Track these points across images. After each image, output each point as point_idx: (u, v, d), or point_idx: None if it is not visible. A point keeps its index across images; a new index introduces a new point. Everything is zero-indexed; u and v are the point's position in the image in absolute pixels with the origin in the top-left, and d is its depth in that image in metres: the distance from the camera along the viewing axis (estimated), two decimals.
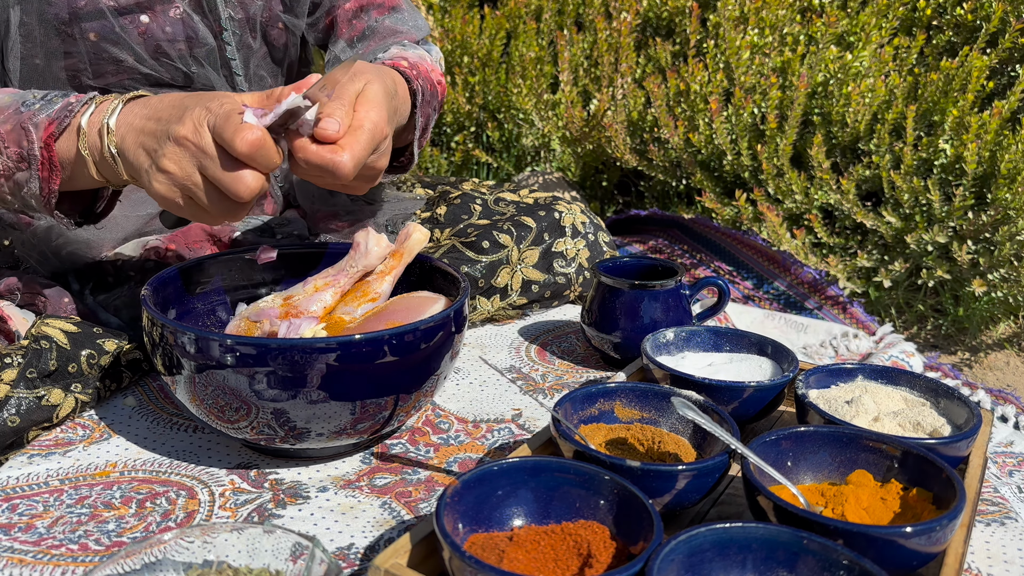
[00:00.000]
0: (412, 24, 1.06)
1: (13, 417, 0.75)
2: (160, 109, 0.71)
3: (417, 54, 0.99)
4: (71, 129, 0.74)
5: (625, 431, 0.70)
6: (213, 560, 0.53)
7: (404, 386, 0.71)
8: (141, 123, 0.71)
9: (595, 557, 0.54)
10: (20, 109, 0.76)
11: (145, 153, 0.70)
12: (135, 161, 0.71)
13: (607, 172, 1.86)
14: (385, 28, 1.04)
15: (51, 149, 0.74)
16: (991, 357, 1.37)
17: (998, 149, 1.31)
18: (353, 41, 1.03)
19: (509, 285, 1.07)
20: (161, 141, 0.69)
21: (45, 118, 0.75)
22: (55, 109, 0.75)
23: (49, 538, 0.64)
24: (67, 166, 0.76)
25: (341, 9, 1.04)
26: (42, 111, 0.75)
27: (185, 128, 0.67)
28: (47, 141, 0.74)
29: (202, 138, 0.67)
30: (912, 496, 0.61)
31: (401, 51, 0.98)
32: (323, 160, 0.69)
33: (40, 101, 0.76)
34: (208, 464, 0.75)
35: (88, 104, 0.75)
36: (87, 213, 0.84)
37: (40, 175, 0.75)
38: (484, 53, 1.93)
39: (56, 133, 0.74)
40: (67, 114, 0.74)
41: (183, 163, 0.68)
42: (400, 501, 0.71)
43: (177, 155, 0.68)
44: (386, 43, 1.02)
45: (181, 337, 0.67)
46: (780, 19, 1.58)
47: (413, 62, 0.94)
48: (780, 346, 0.82)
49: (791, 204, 1.48)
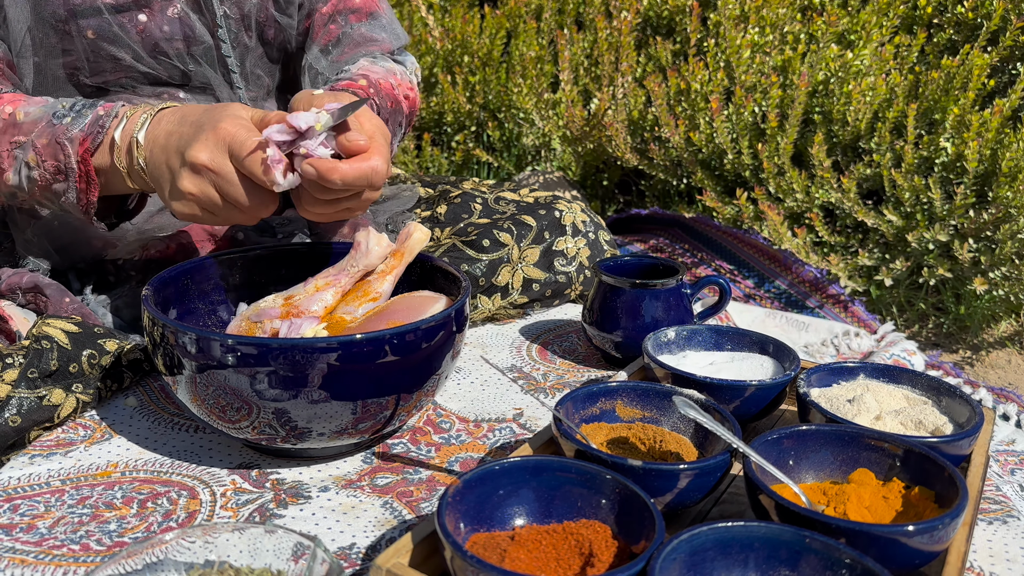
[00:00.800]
0: (389, 33, 1.05)
1: (15, 417, 0.75)
2: (180, 125, 0.75)
3: (385, 68, 0.99)
4: (105, 143, 0.78)
5: (627, 430, 0.70)
6: (215, 560, 0.53)
7: (405, 386, 0.71)
8: (164, 140, 0.75)
9: (597, 556, 0.54)
10: (52, 122, 0.79)
11: (167, 170, 0.74)
12: (158, 178, 0.75)
13: (608, 171, 1.86)
14: (360, 35, 1.03)
15: (88, 163, 0.78)
16: (993, 355, 1.37)
17: (999, 147, 1.31)
18: (327, 48, 1.02)
19: (510, 284, 1.07)
20: (178, 161, 0.73)
21: (79, 133, 0.78)
22: (87, 123, 0.78)
23: (51, 538, 0.64)
24: (102, 177, 0.80)
25: (318, 13, 1.03)
26: (74, 125, 0.78)
27: (201, 155, 0.71)
28: (83, 156, 0.78)
29: (221, 166, 0.71)
30: (914, 495, 0.61)
31: (368, 65, 0.98)
32: (361, 171, 0.72)
33: (70, 113, 0.79)
34: (209, 464, 0.75)
35: (119, 118, 0.78)
36: (120, 212, 0.88)
37: (77, 187, 0.79)
38: (484, 52, 1.93)
39: (91, 148, 0.78)
40: (99, 129, 0.78)
41: (201, 185, 0.72)
42: (401, 501, 0.71)
43: (194, 178, 0.72)
44: (357, 53, 1.02)
45: (182, 337, 0.67)
46: (781, 18, 1.58)
47: (374, 80, 0.95)
48: (781, 345, 0.82)
49: (792, 203, 1.48)
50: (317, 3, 1.03)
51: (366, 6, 1.05)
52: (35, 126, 0.79)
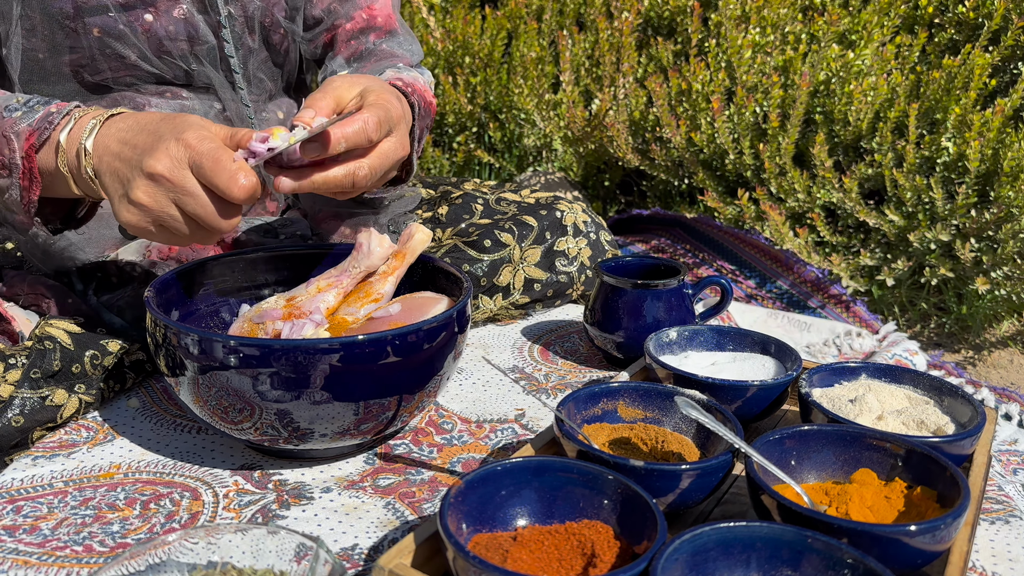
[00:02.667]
0: (408, 49, 1.08)
1: (17, 417, 0.75)
2: (135, 134, 0.71)
3: (411, 75, 1.01)
4: (51, 142, 0.74)
5: (628, 431, 0.70)
6: (217, 561, 0.53)
7: (407, 386, 0.71)
8: (117, 147, 0.71)
9: (599, 557, 0.54)
10: (2, 115, 0.76)
11: (118, 180, 0.70)
12: (108, 186, 0.71)
13: (609, 172, 1.86)
14: (382, 51, 1.06)
15: (32, 160, 0.74)
16: (995, 355, 1.36)
17: (1001, 147, 1.31)
18: (351, 60, 1.05)
19: (511, 283, 1.07)
20: (133, 171, 0.69)
21: (27, 127, 0.74)
22: (36, 118, 0.74)
23: (54, 540, 0.64)
24: (47, 177, 0.76)
25: (342, 29, 1.06)
26: (23, 119, 0.75)
27: (160, 164, 0.67)
28: (28, 152, 0.74)
29: (183, 178, 0.67)
30: (916, 494, 0.61)
31: (396, 73, 1.00)
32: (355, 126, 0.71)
33: (22, 108, 0.76)
34: (212, 465, 0.75)
35: (67, 117, 0.74)
36: (67, 218, 0.84)
37: (21, 184, 0.75)
38: (485, 53, 1.93)
39: (37, 144, 0.74)
40: (47, 125, 0.74)
41: (157, 197, 0.68)
42: (404, 501, 0.71)
43: (151, 189, 0.68)
44: (382, 65, 1.04)
45: (184, 338, 0.67)
46: (782, 18, 1.58)
47: (408, 81, 0.96)
48: (783, 345, 0.82)
49: (794, 203, 1.48)
50: (340, 19, 1.06)
51: (387, 24, 1.08)
52: None
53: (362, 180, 0.74)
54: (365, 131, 0.72)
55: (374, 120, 0.72)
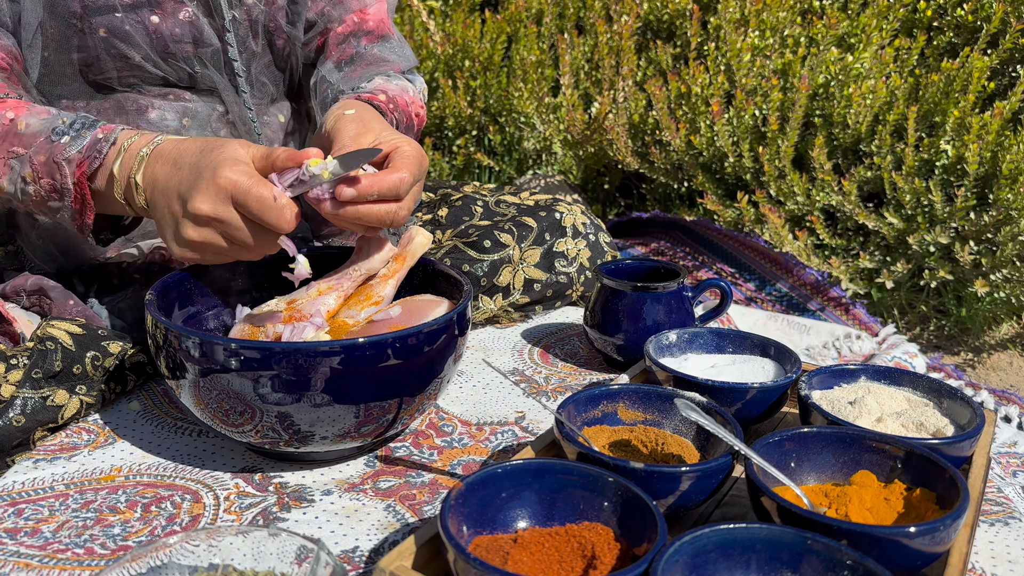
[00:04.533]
0: (400, 55, 1.08)
1: (19, 417, 0.76)
2: (177, 170, 0.74)
3: (399, 86, 1.01)
4: (103, 171, 0.77)
5: (628, 433, 0.70)
6: (218, 563, 0.53)
7: (408, 389, 0.71)
8: (164, 182, 0.74)
9: (599, 559, 0.55)
10: (51, 138, 0.78)
11: (170, 215, 0.74)
12: (160, 219, 0.75)
13: (609, 175, 1.86)
14: (372, 56, 1.06)
15: (83, 187, 0.77)
16: (994, 358, 1.37)
17: (999, 150, 1.31)
18: (341, 64, 1.05)
19: (511, 284, 1.07)
20: (179, 211, 0.73)
21: (77, 155, 0.77)
22: (84, 145, 0.77)
23: (55, 542, 0.65)
24: (99, 200, 0.79)
25: (333, 32, 1.06)
26: (72, 146, 0.77)
27: (203, 206, 0.70)
28: (79, 179, 0.77)
29: (227, 215, 0.71)
30: (916, 496, 0.61)
31: (384, 83, 1.00)
32: (392, 181, 0.74)
33: (69, 131, 0.78)
34: (213, 468, 0.75)
35: (115, 147, 0.77)
36: (116, 227, 0.87)
37: (73, 207, 0.78)
38: (485, 57, 1.93)
39: (88, 172, 0.77)
40: (96, 154, 0.77)
41: (205, 234, 0.72)
42: (404, 504, 0.71)
43: (199, 230, 0.72)
44: (371, 71, 1.04)
45: (185, 341, 0.68)
46: (781, 21, 1.58)
47: (392, 95, 0.97)
48: (783, 347, 0.83)
49: (793, 206, 1.48)
50: (332, 23, 1.06)
51: (379, 29, 1.08)
52: (34, 140, 0.78)
53: (400, 221, 0.77)
54: (399, 188, 0.75)
55: (409, 180, 0.76)
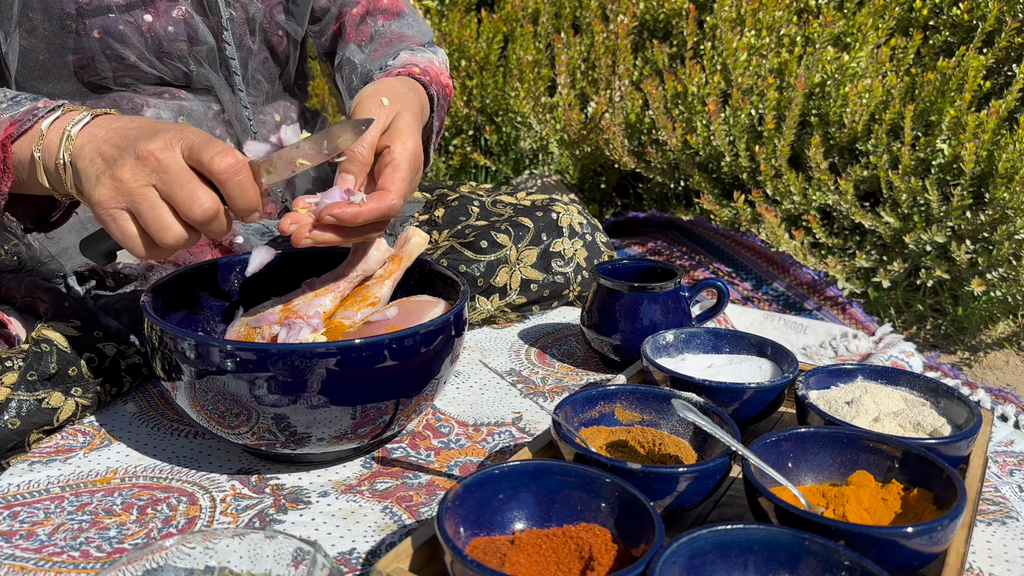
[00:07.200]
0: (418, 29, 1.09)
1: (13, 419, 0.75)
2: (130, 128, 0.70)
3: (426, 58, 1.00)
4: (31, 132, 0.73)
5: (626, 433, 0.70)
6: (215, 566, 0.53)
7: (404, 390, 0.71)
8: (106, 134, 0.70)
9: (597, 560, 0.54)
10: None
11: (101, 160, 0.69)
12: (87, 168, 0.69)
13: (605, 174, 1.86)
14: (392, 32, 1.06)
15: (7, 150, 0.73)
16: (991, 356, 1.37)
17: (995, 148, 1.32)
18: (362, 45, 1.06)
19: (508, 284, 1.07)
20: (124, 152, 0.68)
21: (8, 119, 0.73)
22: (20, 111, 0.74)
23: (50, 545, 0.64)
24: (21, 169, 0.74)
25: (348, 15, 1.07)
26: (6, 111, 0.74)
27: (154, 143, 0.66)
28: (3, 142, 0.73)
29: (170, 154, 0.66)
30: (913, 496, 0.61)
31: (411, 56, 1.00)
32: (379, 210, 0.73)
33: (8, 101, 0.75)
34: (209, 470, 0.75)
35: (55, 110, 0.74)
36: (40, 220, 0.83)
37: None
38: (482, 57, 1.93)
39: (15, 135, 0.73)
40: (31, 117, 0.73)
41: (138, 174, 0.67)
42: (401, 505, 0.71)
43: (135, 167, 0.67)
44: (394, 47, 1.04)
45: (181, 343, 0.67)
46: (777, 20, 1.58)
47: (424, 67, 0.96)
48: (780, 347, 0.83)
49: (789, 205, 1.48)
50: (346, 6, 1.07)
51: (393, 6, 1.09)
52: None
53: (396, 211, 0.76)
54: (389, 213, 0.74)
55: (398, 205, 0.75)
